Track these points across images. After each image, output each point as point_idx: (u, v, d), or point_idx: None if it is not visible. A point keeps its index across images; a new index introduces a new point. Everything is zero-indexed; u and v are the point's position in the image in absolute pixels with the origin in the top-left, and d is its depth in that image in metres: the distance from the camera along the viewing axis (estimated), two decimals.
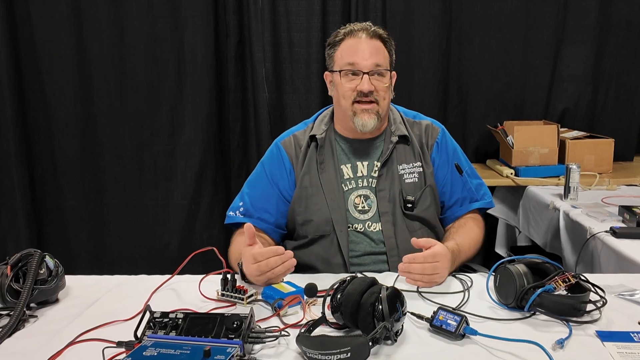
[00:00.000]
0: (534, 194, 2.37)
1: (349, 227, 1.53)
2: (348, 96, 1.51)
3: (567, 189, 2.13)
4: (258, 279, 1.25)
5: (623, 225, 1.76)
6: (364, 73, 1.49)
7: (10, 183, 2.79)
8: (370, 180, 1.56)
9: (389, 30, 2.73)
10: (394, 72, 1.60)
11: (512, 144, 2.61)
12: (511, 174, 2.57)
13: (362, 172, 1.57)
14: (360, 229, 1.53)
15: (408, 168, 1.56)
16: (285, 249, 1.60)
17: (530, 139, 2.60)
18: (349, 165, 1.58)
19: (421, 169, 1.57)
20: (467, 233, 1.53)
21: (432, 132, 1.62)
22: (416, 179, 1.56)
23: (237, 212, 1.60)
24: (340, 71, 1.52)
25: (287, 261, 1.24)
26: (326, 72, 1.63)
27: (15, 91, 2.74)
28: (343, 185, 1.56)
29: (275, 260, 1.22)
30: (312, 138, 1.59)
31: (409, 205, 1.53)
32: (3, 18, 2.66)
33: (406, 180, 1.55)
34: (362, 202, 1.55)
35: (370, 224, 1.53)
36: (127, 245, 2.92)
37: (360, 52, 1.50)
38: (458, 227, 1.57)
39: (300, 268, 1.57)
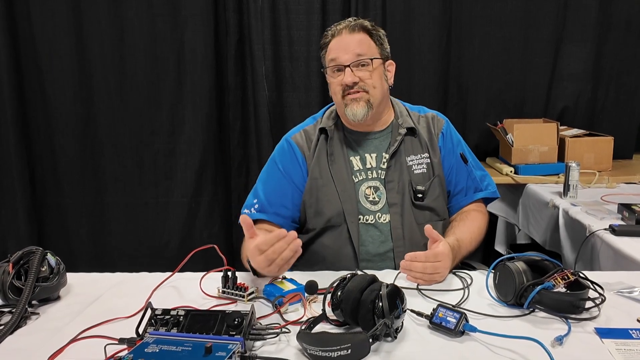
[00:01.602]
0: (534, 192, 2.38)
1: (359, 218, 1.54)
2: (337, 91, 1.55)
3: (566, 187, 2.13)
4: (269, 269, 1.19)
5: (622, 223, 1.76)
6: (345, 66, 1.51)
7: (11, 181, 2.80)
8: (380, 171, 1.57)
9: (388, 29, 2.78)
10: (390, 61, 1.61)
11: (512, 142, 2.61)
12: (511, 172, 2.58)
13: (370, 163, 1.59)
14: (371, 220, 1.54)
15: (416, 159, 1.58)
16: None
17: (530, 137, 2.60)
18: (357, 157, 1.60)
19: (429, 160, 1.59)
20: (468, 226, 1.54)
21: (438, 122, 1.65)
22: (424, 169, 1.58)
23: (252, 209, 1.58)
24: (325, 69, 1.57)
25: (292, 243, 1.17)
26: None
27: (15, 90, 2.74)
28: (353, 176, 1.57)
29: (281, 245, 1.16)
30: (322, 130, 1.62)
31: (419, 195, 1.55)
32: (3, 17, 2.66)
33: (415, 171, 1.57)
34: (373, 194, 1.56)
35: (380, 215, 1.54)
36: (128, 244, 2.92)
37: (343, 47, 1.53)
38: (460, 220, 1.58)
39: (311, 260, 1.57)
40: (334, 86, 1.56)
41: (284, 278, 1.27)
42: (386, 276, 1.31)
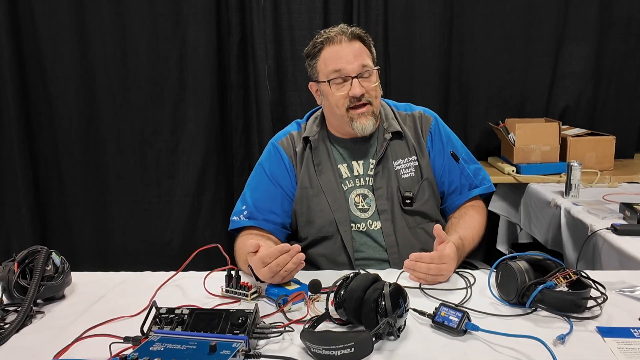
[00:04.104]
0: (536, 191, 2.38)
1: (352, 226, 1.53)
2: (341, 104, 1.50)
3: (568, 186, 2.13)
4: (272, 280, 1.22)
5: (624, 222, 1.76)
6: (352, 78, 1.47)
7: (14, 179, 2.81)
8: (368, 178, 1.56)
9: (390, 27, 2.78)
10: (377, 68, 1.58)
11: (514, 141, 2.61)
12: (513, 171, 2.58)
13: (358, 171, 1.57)
14: (362, 228, 1.54)
15: (404, 163, 1.56)
16: None
17: (532, 136, 2.61)
18: (345, 165, 1.58)
19: (417, 163, 1.57)
20: (468, 223, 1.53)
21: (425, 122, 1.62)
22: (412, 173, 1.56)
23: (241, 216, 1.56)
24: (328, 81, 1.50)
25: (295, 256, 1.20)
26: (310, 83, 1.61)
27: (18, 89, 2.75)
28: (342, 184, 1.56)
29: (285, 258, 1.19)
30: (306, 140, 1.59)
31: (408, 200, 1.53)
32: (6, 16, 2.67)
33: (403, 176, 1.55)
34: (362, 201, 1.55)
35: (371, 223, 1.54)
36: (130, 242, 2.94)
37: (344, 57, 1.48)
38: (459, 218, 1.57)
39: (306, 267, 1.57)
40: (337, 98, 1.49)
41: None
42: (389, 275, 1.32)
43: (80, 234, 2.93)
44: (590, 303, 1.11)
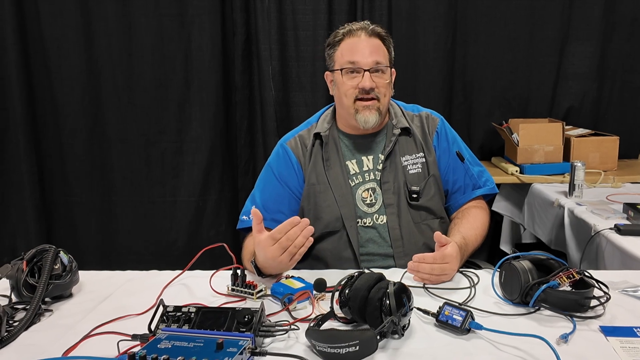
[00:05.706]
0: (539, 191, 2.38)
1: (357, 222, 1.55)
2: (350, 94, 1.53)
3: (571, 187, 2.14)
4: (280, 259, 1.20)
5: (627, 222, 1.77)
6: (364, 70, 1.51)
7: (20, 179, 2.82)
8: (377, 173, 1.58)
9: (394, 28, 2.79)
10: (393, 70, 1.61)
11: (517, 141, 2.62)
12: (516, 171, 2.58)
13: (367, 166, 1.59)
14: (369, 223, 1.55)
15: (411, 159, 1.59)
16: None
17: (536, 136, 2.61)
18: (354, 161, 1.60)
19: (424, 160, 1.59)
20: (471, 223, 1.55)
21: (432, 122, 1.65)
22: (420, 169, 1.58)
23: (250, 215, 1.60)
24: (341, 69, 1.54)
25: (305, 229, 1.19)
26: (327, 72, 1.65)
27: (24, 89, 2.76)
28: (350, 181, 1.58)
29: (295, 231, 1.18)
30: (317, 136, 1.62)
31: (414, 195, 1.55)
32: (12, 16, 2.68)
33: (410, 171, 1.58)
34: (370, 196, 1.57)
35: (377, 217, 1.55)
36: (135, 242, 2.95)
37: (360, 50, 1.53)
38: (462, 218, 1.59)
39: (312, 264, 1.58)
40: (346, 88, 1.54)
41: (292, 277, 1.28)
42: (393, 274, 1.32)
43: (86, 234, 2.94)
44: (594, 302, 1.12)
